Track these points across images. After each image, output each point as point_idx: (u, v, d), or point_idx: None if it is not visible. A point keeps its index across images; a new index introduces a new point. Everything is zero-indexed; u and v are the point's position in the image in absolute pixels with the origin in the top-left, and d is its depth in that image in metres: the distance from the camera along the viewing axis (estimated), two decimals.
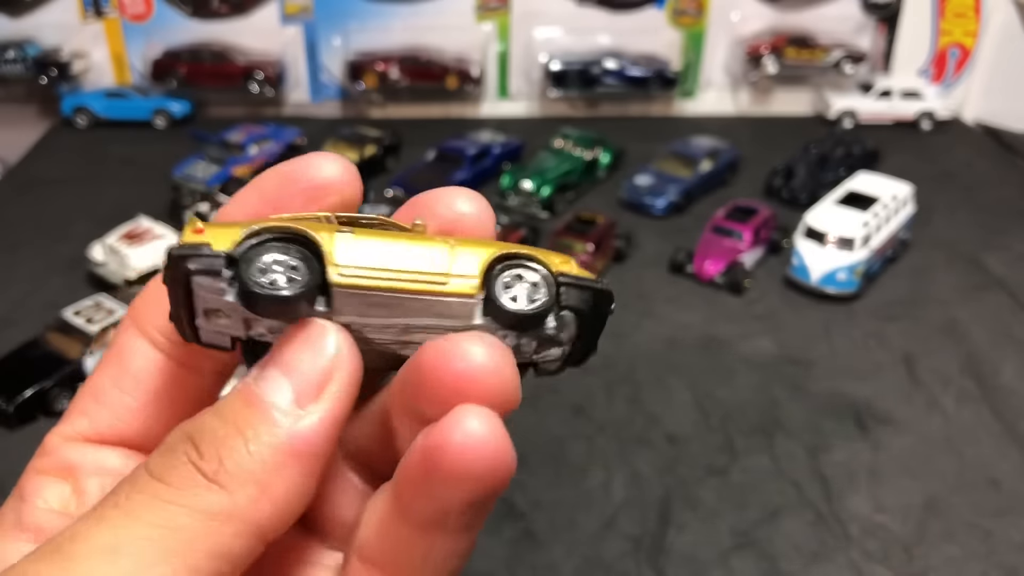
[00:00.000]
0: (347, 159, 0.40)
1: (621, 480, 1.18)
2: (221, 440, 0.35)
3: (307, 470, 0.35)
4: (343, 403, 0.36)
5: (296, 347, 0.36)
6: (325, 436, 0.35)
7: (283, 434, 0.35)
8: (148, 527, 0.33)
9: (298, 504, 0.35)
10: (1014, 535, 1.10)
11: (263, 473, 0.34)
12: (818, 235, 1.57)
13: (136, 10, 2.24)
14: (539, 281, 0.37)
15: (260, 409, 0.35)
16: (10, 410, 1.25)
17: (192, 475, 0.34)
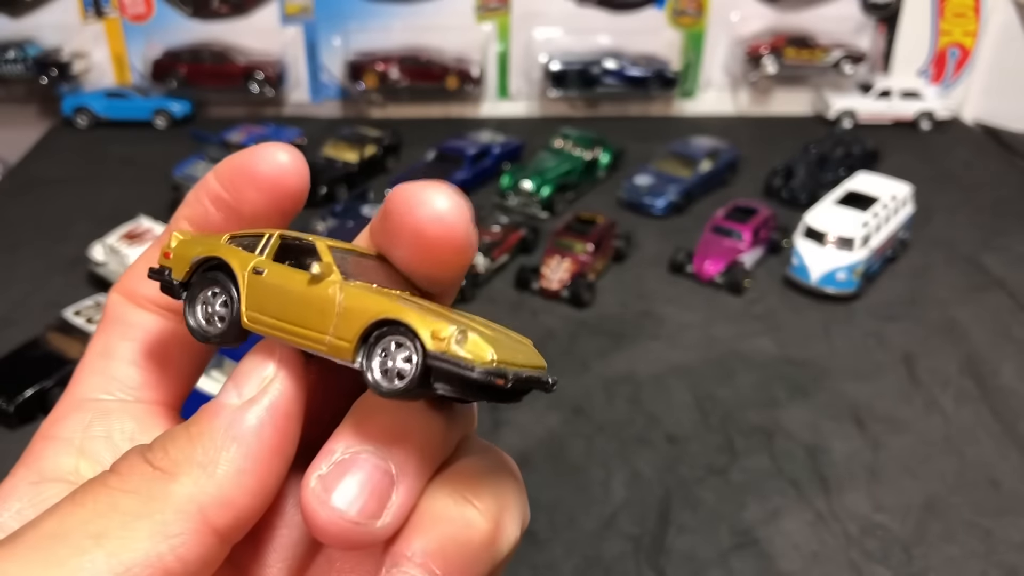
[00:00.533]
0: (295, 149, 0.41)
1: (621, 480, 1.18)
2: (169, 436, 0.37)
3: (248, 452, 0.35)
4: (285, 393, 0.37)
5: (244, 362, 0.38)
6: (265, 420, 0.36)
7: (225, 420, 0.36)
8: (91, 514, 0.34)
9: (244, 488, 0.35)
10: (1013, 535, 1.10)
11: (203, 455, 0.35)
12: (818, 235, 1.57)
13: (136, 10, 2.25)
14: (410, 355, 0.35)
15: (208, 409, 0.37)
16: (10, 410, 1.26)
17: (139, 464, 0.36)
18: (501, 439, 1.25)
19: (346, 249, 0.41)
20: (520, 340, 0.41)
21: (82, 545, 0.33)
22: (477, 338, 0.35)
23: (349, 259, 0.40)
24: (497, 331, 0.39)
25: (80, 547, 0.33)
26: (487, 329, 0.38)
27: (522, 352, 0.39)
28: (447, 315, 0.37)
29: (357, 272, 0.40)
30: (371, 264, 0.41)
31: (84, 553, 0.32)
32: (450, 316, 0.37)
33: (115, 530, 0.33)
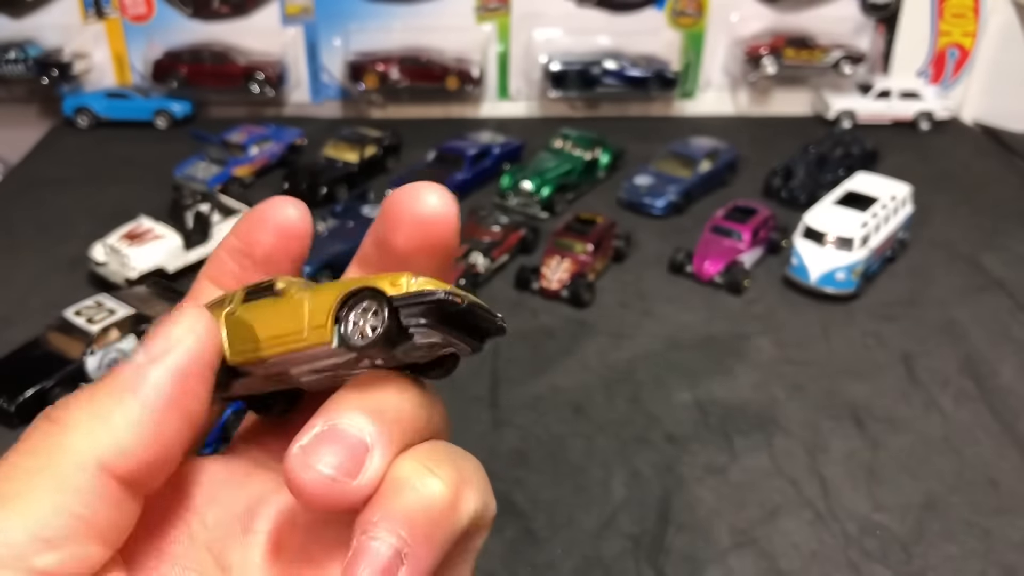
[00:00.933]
0: (300, 202, 0.46)
1: (620, 479, 1.19)
2: (75, 392, 0.38)
3: (144, 403, 0.37)
4: (188, 358, 0.38)
5: (155, 328, 0.40)
6: (164, 376, 0.38)
7: (125, 375, 0.38)
8: (9, 466, 0.35)
9: (140, 436, 0.37)
10: (1012, 534, 1.10)
11: (99, 407, 0.37)
12: (817, 235, 1.57)
13: (137, 11, 2.25)
14: (376, 309, 0.40)
15: (117, 368, 0.39)
16: (11, 410, 1.26)
17: (40, 421, 0.37)
18: (501, 439, 1.26)
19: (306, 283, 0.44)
20: None
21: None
22: (431, 278, 0.40)
23: (312, 285, 0.43)
24: None
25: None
26: None
27: None
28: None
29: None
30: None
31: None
32: None
33: (22, 489, 0.34)
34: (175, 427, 0.38)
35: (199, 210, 1.65)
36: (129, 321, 1.36)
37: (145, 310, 1.38)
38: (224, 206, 1.71)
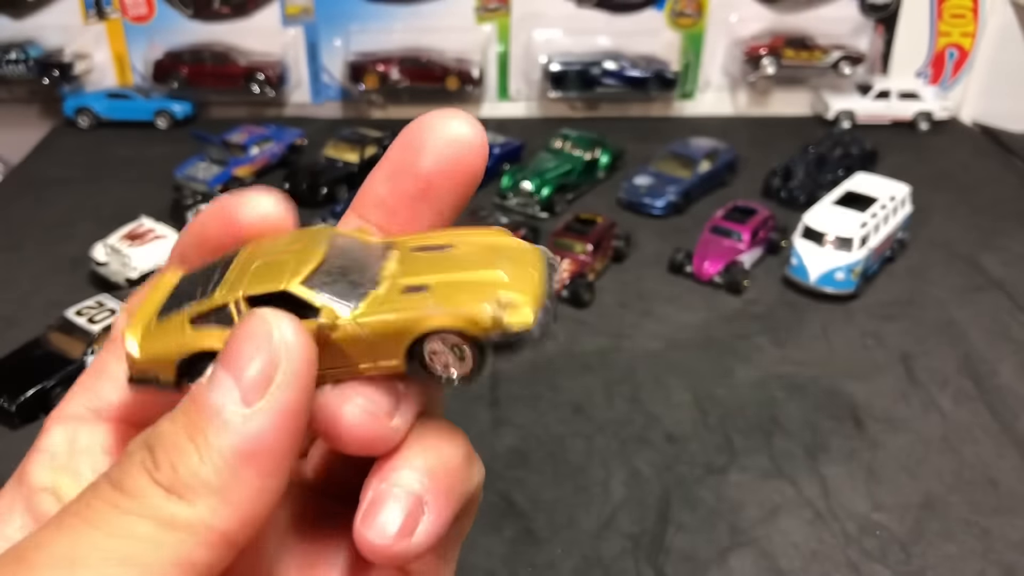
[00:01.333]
0: (280, 193, 0.41)
1: (620, 479, 1.19)
2: (172, 447, 0.35)
3: (265, 470, 0.34)
4: (292, 394, 0.35)
5: (238, 343, 0.35)
6: (278, 431, 0.34)
7: (233, 438, 0.34)
8: (107, 537, 0.33)
9: (264, 505, 0.35)
10: (1012, 534, 1.11)
11: (217, 480, 0.34)
12: (816, 235, 1.58)
13: (138, 11, 2.25)
14: (462, 349, 0.37)
15: (207, 413, 0.35)
16: (12, 409, 1.26)
17: (149, 484, 0.34)
18: (501, 439, 1.26)
19: (316, 267, 0.38)
20: (500, 251, 0.40)
21: (109, 572, 0.32)
22: (512, 298, 0.36)
23: (326, 274, 0.38)
24: (486, 256, 0.40)
25: (107, 571, 0.32)
26: (479, 261, 0.39)
27: (520, 267, 0.39)
28: (463, 283, 0.37)
29: (341, 276, 0.38)
30: (346, 248, 0.40)
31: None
32: (463, 284, 0.37)
33: (139, 555, 0.33)
34: (289, 473, 0.36)
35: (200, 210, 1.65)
36: None
37: None
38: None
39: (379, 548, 0.36)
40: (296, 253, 0.39)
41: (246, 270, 0.39)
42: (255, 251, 0.40)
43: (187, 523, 0.34)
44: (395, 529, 0.36)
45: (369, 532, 0.36)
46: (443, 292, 0.37)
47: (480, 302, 0.36)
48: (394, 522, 0.36)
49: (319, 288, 0.37)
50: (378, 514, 0.36)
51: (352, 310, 0.37)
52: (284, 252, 0.39)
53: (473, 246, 0.41)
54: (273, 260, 0.39)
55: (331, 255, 0.39)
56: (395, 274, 0.39)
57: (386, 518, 0.36)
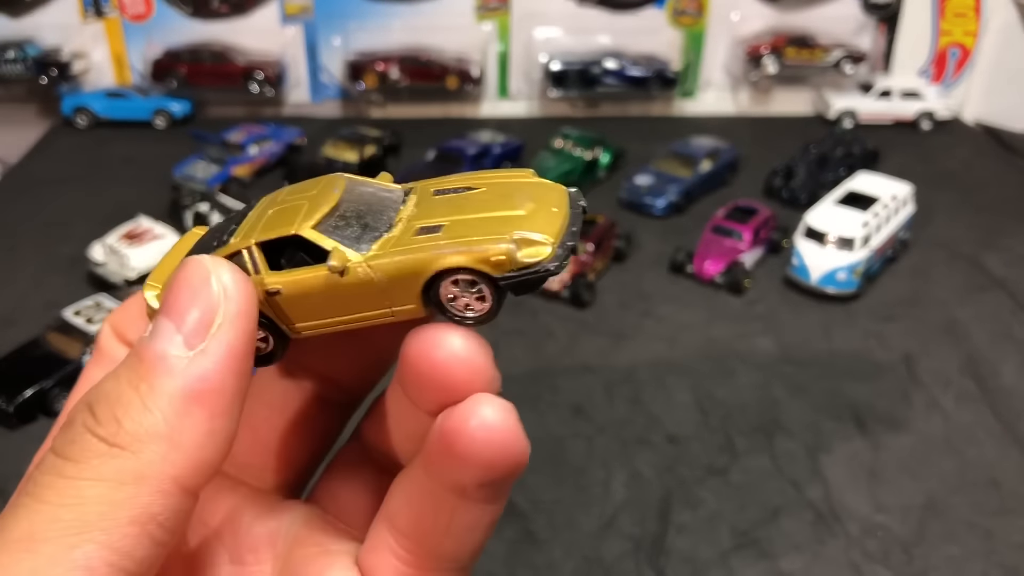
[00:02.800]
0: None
1: (621, 480, 1.18)
2: (115, 400, 0.34)
3: (213, 411, 0.34)
4: (235, 334, 0.35)
5: (176, 289, 0.35)
6: (221, 372, 0.34)
7: (178, 380, 0.34)
8: (58, 508, 0.32)
9: (215, 448, 0.34)
10: (1014, 535, 1.10)
11: (165, 426, 0.33)
12: (818, 235, 1.57)
13: (136, 10, 2.24)
14: (479, 287, 0.37)
15: (150, 360, 0.34)
16: (10, 410, 1.26)
17: (92, 444, 0.33)
18: None
19: (329, 211, 0.38)
20: (522, 190, 0.40)
21: (68, 542, 0.32)
22: (527, 235, 0.36)
23: (340, 218, 0.38)
24: (506, 195, 0.39)
25: (66, 543, 0.32)
26: (491, 198, 0.38)
27: (540, 204, 0.38)
28: (478, 221, 0.37)
29: (355, 220, 0.38)
30: (363, 193, 0.39)
31: (74, 548, 0.31)
32: (477, 222, 0.37)
33: (96, 521, 0.32)
34: (238, 417, 0.35)
35: (198, 210, 1.65)
36: None
37: None
38: (223, 206, 1.71)
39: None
40: (311, 198, 0.38)
41: (261, 217, 0.39)
42: (273, 199, 0.40)
43: (137, 475, 0.33)
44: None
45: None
46: (456, 231, 0.37)
47: (494, 239, 0.36)
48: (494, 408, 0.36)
49: (330, 232, 0.37)
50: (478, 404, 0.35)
51: (363, 253, 0.37)
52: (300, 198, 0.39)
53: (495, 187, 0.40)
54: (288, 206, 0.38)
55: (346, 199, 0.38)
56: (411, 217, 0.38)
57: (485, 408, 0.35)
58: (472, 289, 0.36)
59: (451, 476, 0.36)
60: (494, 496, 0.37)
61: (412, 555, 0.40)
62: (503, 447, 0.35)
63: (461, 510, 0.38)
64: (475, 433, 0.35)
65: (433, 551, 0.39)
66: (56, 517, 0.32)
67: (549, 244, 0.36)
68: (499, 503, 0.38)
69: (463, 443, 0.35)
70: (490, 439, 0.35)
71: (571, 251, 0.37)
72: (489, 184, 0.40)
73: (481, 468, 0.35)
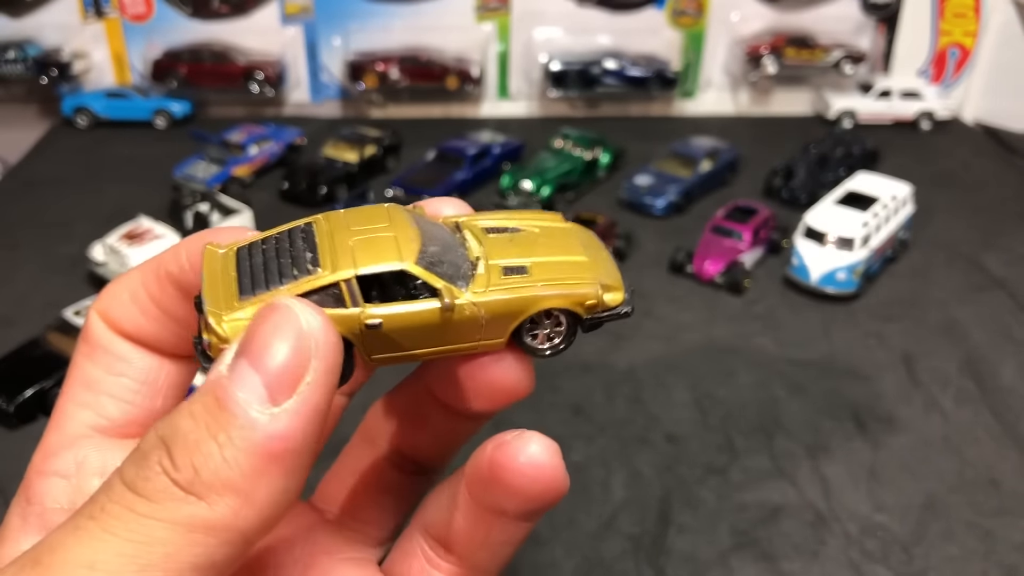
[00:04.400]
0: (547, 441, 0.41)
1: (621, 480, 1.18)
2: (193, 446, 0.33)
3: (288, 470, 0.33)
4: (321, 394, 0.34)
5: (265, 336, 0.34)
6: (304, 432, 0.33)
7: (258, 437, 0.33)
8: (125, 542, 0.32)
9: (283, 505, 0.34)
10: (1013, 535, 1.10)
11: (242, 481, 0.33)
12: (818, 235, 1.57)
13: (136, 10, 2.25)
14: (561, 328, 0.41)
15: (231, 409, 0.33)
16: (10, 410, 1.26)
17: (167, 486, 0.33)
18: None
19: (420, 247, 0.38)
20: (568, 235, 0.44)
21: (123, 575, 0.32)
22: (608, 281, 0.41)
23: (431, 256, 0.39)
24: (560, 239, 0.43)
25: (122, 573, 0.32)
26: (567, 252, 0.43)
27: (591, 249, 0.44)
28: (556, 265, 0.41)
29: (441, 257, 0.39)
30: (430, 229, 0.41)
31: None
32: (557, 265, 0.41)
33: (159, 560, 0.32)
34: (304, 475, 0.35)
35: (198, 210, 1.65)
36: None
37: None
38: (223, 206, 1.71)
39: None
40: (397, 231, 0.39)
41: (343, 247, 0.38)
42: (334, 226, 0.39)
43: (208, 525, 0.33)
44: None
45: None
46: (543, 274, 0.40)
47: (584, 283, 0.40)
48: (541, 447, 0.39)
49: (431, 269, 0.38)
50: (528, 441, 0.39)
51: (464, 291, 0.39)
52: (374, 230, 0.39)
53: (540, 229, 0.44)
54: (374, 237, 0.38)
55: (425, 236, 0.39)
56: (486, 255, 0.41)
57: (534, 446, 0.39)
58: (556, 327, 0.41)
59: (494, 501, 0.39)
60: (532, 519, 0.41)
61: (447, 563, 0.42)
62: (547, 483, 0.39)
63: (498, 527, 0.41)
64: (523, 469, 0.38)
65: (467, 560, 0.42)
66: (121, 552, 0.32)
67: (623, 289, 0.41)
68: (534, 521, 0.42)
69: (510, 477, 0.38)
70: (536, 476, 0.38)
71: (633, 294, 0.42)
72: (532, 226, 0.44)
73: (525, 500, 0.39)
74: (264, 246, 0.39)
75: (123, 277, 0.43)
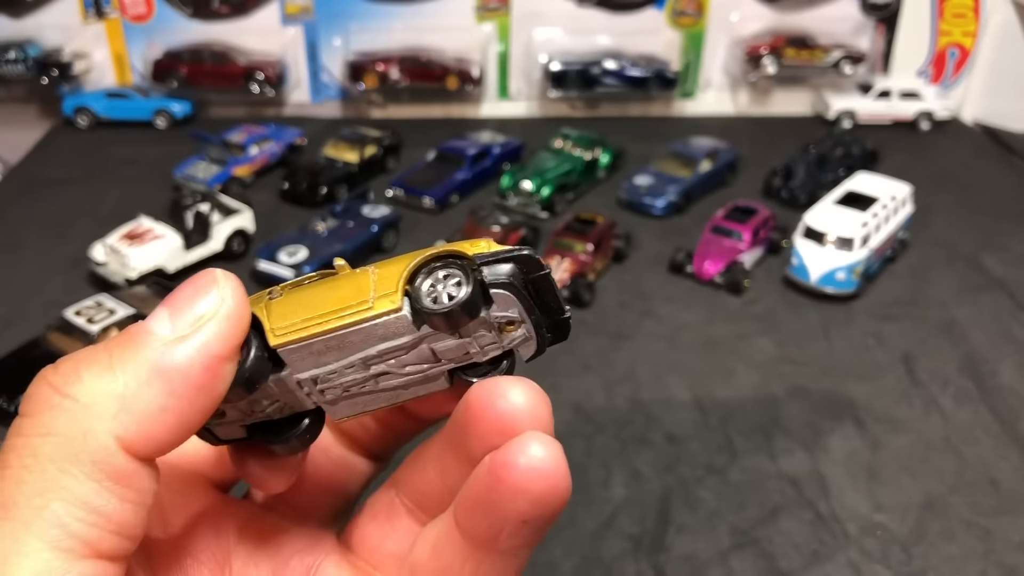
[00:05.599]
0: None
1: (621, 479, 1.19)
2: (84, 358, 0.35)
3: (172, 389, 0.35)
4: (220, 337, 0.36)
5: (183, 286, 0.37)
6: (194, 359, 0.35)
7: (152, 353, 0.35)
8: (20, 470, 0.33)
9: (166, 425, 0.35)
10: (1013, 534, 1.10)
11: (123, 386, 0.34)
12: (817, 235, 1.57)
13: (137, 11, 2.25)
14: (455, 272, 0.38)
15: (135, 333, 0.36)
16: (11, 409, 1.26)
17: (45, 394, 0.34)
18: None
19: None
20: None
21: (34, 503, 0.32)
22: None
23: None
24: None
25: (34, 505, 0.32)
26: None
27: None
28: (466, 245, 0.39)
29: None
30: None
31: (43, 509, 0.32)
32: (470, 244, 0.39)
33: (56, 477, 0.32)
34: (200, 412, 0.36)
35: (199, 210, 1.65)
36: (129, 321, 1.35)
37: (145, 310, 1.38)
38: (224, 206, 1.71)
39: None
40: None
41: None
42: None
43: (85, 427, 0.33)
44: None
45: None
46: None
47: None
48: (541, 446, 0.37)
49: None
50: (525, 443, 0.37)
51: None
52: None
53: None
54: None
55: None
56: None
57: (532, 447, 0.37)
58: (453, 280, 0.38)
59: (490, 516, 0.37)
60: (524, 542, 0.38)
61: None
62: (550, 483, 0.37)
63: (486, 564, 0.39)
64: (525, 467, 0.37)
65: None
66: (20, 479, 0.33)
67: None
68: (525, 553, 0.39)
69: (514, 476, 0.37)
70: (539, 475, 0.37)
71: (549, 278, 0.39)
72: None
73: (527, 502, 0.37)
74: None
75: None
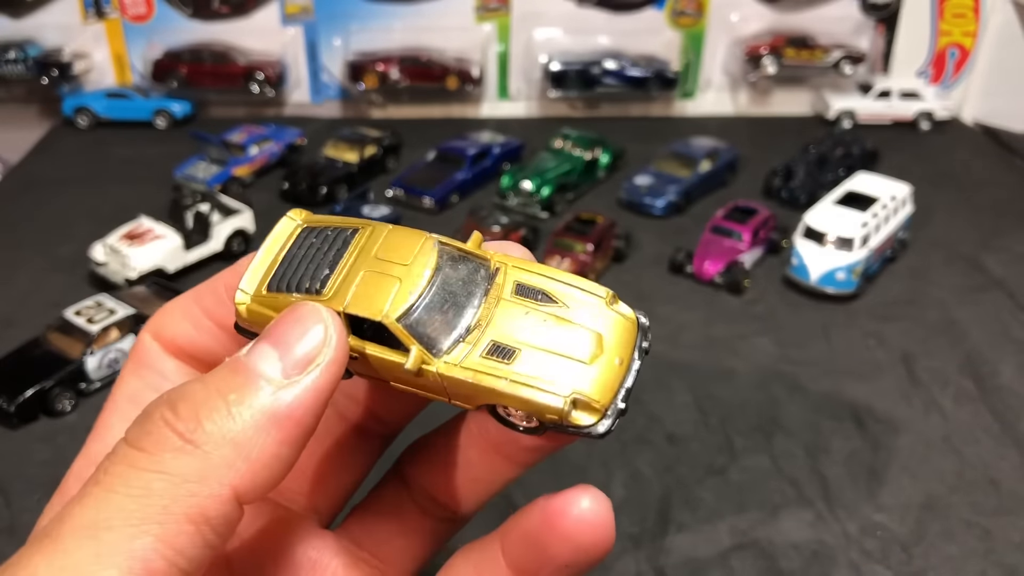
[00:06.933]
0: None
1: (621, 480, 1.19)
2: (201, 402, 0.36)
3: (286, 437, 0.36)
4: (327, 378, 0.37)
5: (287, 325, 0.38)
6: (308, 406, 0.36)
7: (267, 399, 0.36)
8: (124, 498, 0.33)
9: (275, 471, 0.36)
10: (1013, 534, 1.10)
11: (241, 435, 0.35)
12: (817, 235, 1.57)
13: (137, 11, 2.25)
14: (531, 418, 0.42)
15: (246, 376, 0.36)
16: (11, 410, 1.25)
17: (166, 437, 0.35)
18: None
19: (416, 300, 0.40)
20: (592, 310, 0.43)
21: (128, 532, 0.33)
22: (586, 397, 0.39)
23: (425, 309, 0.40)
24: (571, 318, 0.42)
25: (127, 533, 0.33)
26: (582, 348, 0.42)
27: (608, 351, 0.42)
28: (547, 358, 0.40)
29: (437, 312, 0.40)
30: (451, 277, 0.42)
31: (134, 539, 0.32)
32: (546, 359, 0.40)
33: (156, 514, 0.33)
34: (301, 450, 0.37)
35: (199, 210, 1.65)
36: (129, 321, 1.35)
37: (145, 310, 1.38)
38: (224, 206, 1.71)
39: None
40: (403, 275, 0.40)
41: (355, 272, 0.40)
42: (367, 245, 0.41)
43: (201, 474, 0.34)
44: None
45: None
46: (524, 365, 0.40)
47: (553, 393, 0.39)
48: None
49: (413, 328, 0.39)
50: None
51: (438, 357, 0.40)
52: (390, 266, 0.40)
53: (577, 309, 0.42)
54: (378, 276, 0.40)
55: (434, 283, 0.40)
56: (489, 323, 0.41)
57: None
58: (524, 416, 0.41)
59: (536, 555, 0.41)
60: None
61: None
62: (597, 537, 0.41)
63: None
64: (576, 518, 0.40)
65: None
66: (121, 507, 0.33)
67: (600, 411, 0.40)
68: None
69: (564, 524, 0.40)
70: (588, 527, 0.40)
71: (621, 414, 0.41)
72: (566, 299, 0.43)
73: (573, 550, 0.41)
74: (314, 239, 0.42)
75: (175, 300, 0.46)
